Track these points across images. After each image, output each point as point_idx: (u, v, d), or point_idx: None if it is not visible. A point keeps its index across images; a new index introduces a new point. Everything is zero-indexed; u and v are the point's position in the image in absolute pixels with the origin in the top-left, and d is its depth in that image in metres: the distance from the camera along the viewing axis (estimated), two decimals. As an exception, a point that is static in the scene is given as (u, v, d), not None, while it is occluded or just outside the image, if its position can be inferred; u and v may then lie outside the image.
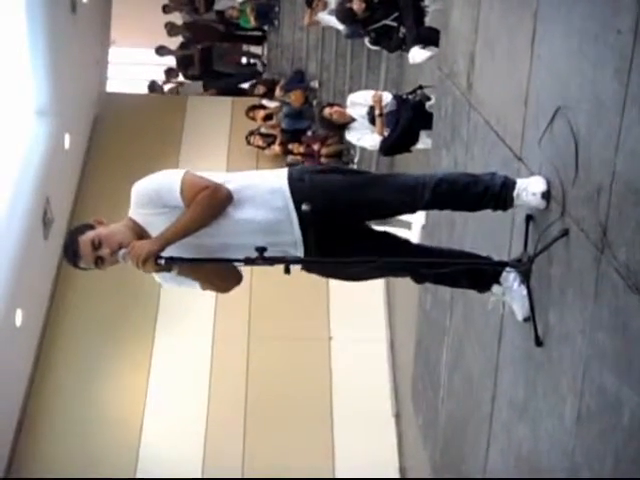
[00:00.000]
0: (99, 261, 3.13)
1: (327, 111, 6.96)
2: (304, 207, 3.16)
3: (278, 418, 8.67)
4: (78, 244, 3.12)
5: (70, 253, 3.16)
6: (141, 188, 3.20)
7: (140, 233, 3.18)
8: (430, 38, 6.46)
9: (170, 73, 13.63)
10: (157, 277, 3.32)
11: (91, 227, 3.17)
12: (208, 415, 8.71)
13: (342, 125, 6.98)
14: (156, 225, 3.14)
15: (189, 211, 3.10)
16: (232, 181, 3.22)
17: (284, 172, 3.29)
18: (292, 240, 3.22)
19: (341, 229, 3.29)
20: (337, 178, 3.31)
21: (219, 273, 3.26)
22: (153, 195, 3.15)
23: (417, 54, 6.78)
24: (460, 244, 4.61)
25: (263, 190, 3.21)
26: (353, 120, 6.89)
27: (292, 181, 3.23)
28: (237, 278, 3.32)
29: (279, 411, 8.73)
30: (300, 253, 3.25)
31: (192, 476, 8.24)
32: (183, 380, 9.06)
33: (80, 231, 3.17)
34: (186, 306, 9.07)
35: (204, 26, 12.59)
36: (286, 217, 3.19)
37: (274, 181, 3.25)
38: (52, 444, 8.41)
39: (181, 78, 13.56)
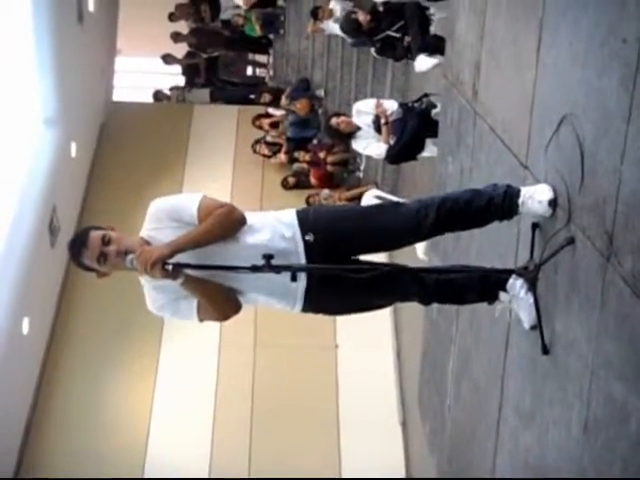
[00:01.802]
0: (102, 258, 3.18)
1: (334, 121, 6.97)
2: (307, 237, 3.28)
3: (284, 426, 8.66)
4: (89, 235, 3.20)
5: (78, 243, 3.23)
6: (159, 204, 3.32)
7: None
8: (436, 46, 6.48)
9: (175, 90, 13.69)
10: (152, 306, 3.40)
11: (103, 229, 3.26)
12: (214, 422, 8.71)
13: (348, 134, 6.98)
14: (164, 240, 3.19)
15: (203, 223, 3.20)
16: (245, 213, 3.33)
17: (292, 210, 3.41)
18: None
19: (344, 261, 3.34)
20: (340, 209, 3.42)
21: (223, 292, 3.30)
22: (170, 210, 3.27)
23: (423, 62, 6.80)
24: (466, 253, 4.61)
25: (274, 221, 3.34)
26: (359, 129, 6.90)
27: (299, 214, 3.36)
28: (236, 306, 3.38)
29: (285, 419, 8.72)
30: (303, 284, 3.30)
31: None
32: (190, 387, 9.06)
33: (94, 227, 3.28)
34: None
35: (210, 31, 12.63)
36: (294, 247, 3.28)
37: (284, 215, 3.38)
38: (59, 450, 8.43)
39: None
